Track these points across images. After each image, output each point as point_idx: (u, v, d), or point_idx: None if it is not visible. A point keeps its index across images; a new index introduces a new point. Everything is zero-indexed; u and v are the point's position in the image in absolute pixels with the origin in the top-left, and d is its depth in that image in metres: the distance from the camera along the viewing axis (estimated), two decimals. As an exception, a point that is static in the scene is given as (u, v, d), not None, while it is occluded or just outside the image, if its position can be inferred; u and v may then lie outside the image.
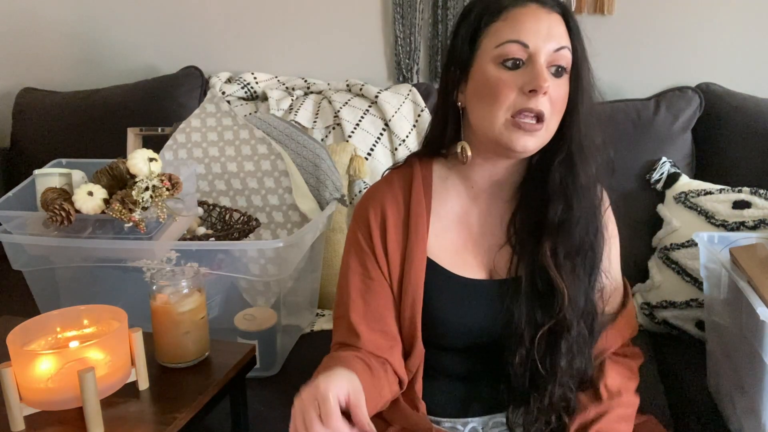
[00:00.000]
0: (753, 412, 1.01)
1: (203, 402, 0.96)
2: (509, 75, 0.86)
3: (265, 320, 1.30)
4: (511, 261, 0.95)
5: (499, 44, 0.87)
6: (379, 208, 0.98)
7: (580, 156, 0.90)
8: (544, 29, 0.86)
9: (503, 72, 0.87)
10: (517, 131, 0.86)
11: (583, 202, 0.91)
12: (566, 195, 0.91)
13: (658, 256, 1.51)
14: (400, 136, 1.76)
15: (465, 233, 0.98)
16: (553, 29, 0.87)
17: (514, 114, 0.86)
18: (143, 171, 1.22)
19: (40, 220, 1.27)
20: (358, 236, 0.98)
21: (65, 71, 2.18)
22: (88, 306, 0.98)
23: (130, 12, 2.09)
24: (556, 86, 0.87)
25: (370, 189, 1.02)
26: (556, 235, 0.91)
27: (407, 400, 0.97)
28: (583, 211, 0.91)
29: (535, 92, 0.85)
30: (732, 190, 1.46)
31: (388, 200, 0.98)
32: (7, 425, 0.87)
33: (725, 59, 1.73)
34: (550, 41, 0.86)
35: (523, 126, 0.86)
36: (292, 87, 1.93)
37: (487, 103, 0.88)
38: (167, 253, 1.03)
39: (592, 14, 1.76)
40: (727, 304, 1.12)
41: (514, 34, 0.86)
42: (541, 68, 0.85)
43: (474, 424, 1.00)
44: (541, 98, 0.86)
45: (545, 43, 0.86)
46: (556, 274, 0.91)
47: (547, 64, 0.87)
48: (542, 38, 0.86)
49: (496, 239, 0.97)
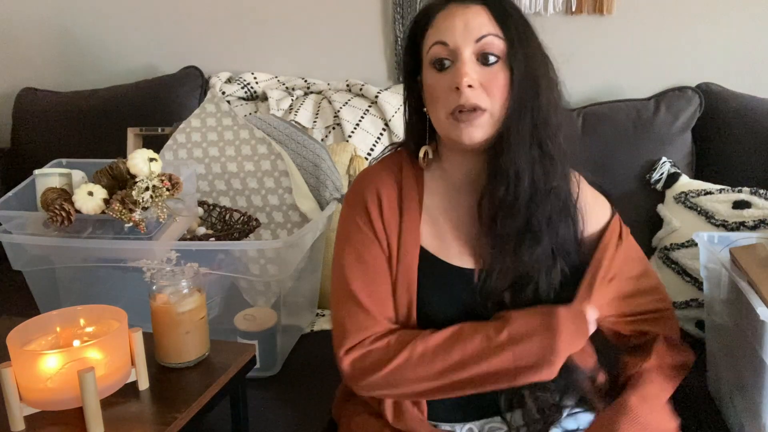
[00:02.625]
0: (753, 412, 1.01)
1: (203, 402, 0.95)
2: (440, 76, 0.91)
3: (265, 320, 1.30)
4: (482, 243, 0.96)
5: (427, 50, 0.92)
6: (375, 191, 0.99)
7: (516, 139, 0.90)
8: (460, 25, 0.89)
9: (435, 75, 0.91)
10: (458, 125, 0.90)
11: (523, 182, 0.90)
12: (505, 177, 0.91)
13: (658, 256, 1.51)
14: (401, 136, 1.76)
15: (454, 224, 0.99)
16: (471, 21, 0.89)
17: (450, 111, 0.89)
18: (143, 171, 1.22)
19: (40, 220, 1.27)
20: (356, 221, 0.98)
21: (65, 71, 2.18)
22: (87, 306, 0.98)
23: (130, 12, 2.09)
24: (488, 74, 0.89)
25: (360, 174, 1.03)
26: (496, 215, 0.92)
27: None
28: (526, 191, 0.91)
29: (458, 89, 0.88)
30: (732, 190, 1.46)
31: (382, 185, 0.99)
32: (7, 425, 0.87)
33: (725, 59, 1.73)
34: (469, 33, 0.89)
35: (460, 119, 0.89)
36: (292, 87, 1.93)
37: (432, 106, 0.93)
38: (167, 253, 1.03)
39: (591, 14, 1.76)
40: (727, 304, 1.12)
41: (437, 36, 0.91)
42: (462, 64, 0.88)
43: (471, 427, 1.00)
44: (470, 92, 0.88)
45: (464, 37, 0.89)
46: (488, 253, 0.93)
47: (476, 55, 0.89)
48: (459, 33, 0.89)
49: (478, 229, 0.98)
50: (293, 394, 1.27)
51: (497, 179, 0.91)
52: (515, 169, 0.90)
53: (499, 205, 0.92)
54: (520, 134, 0.89)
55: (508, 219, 0.92)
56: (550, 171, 0.92)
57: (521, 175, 0.90)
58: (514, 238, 0.92)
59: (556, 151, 0.92)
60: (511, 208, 0.91)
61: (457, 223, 0.99)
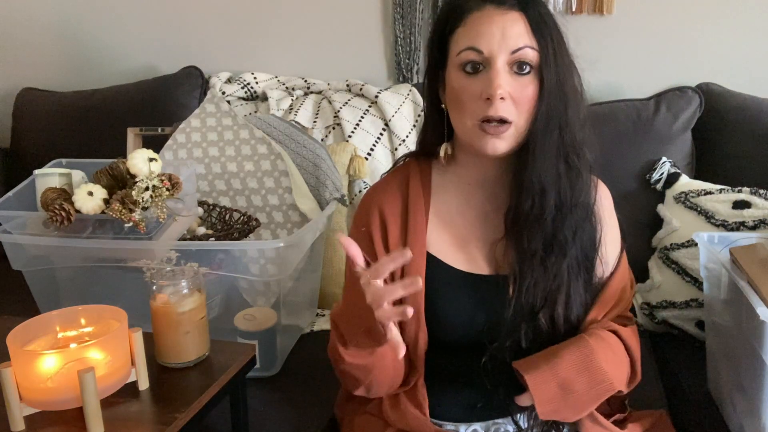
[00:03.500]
0: (753, 412, 1.01)
1: (203, 402, 0.95)
2: (470, 81, 0.88)
3: (265, 320, 1.30)
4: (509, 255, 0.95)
5: (459, 51, 0.89)
6: (377, 210, 0.98)
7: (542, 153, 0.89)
8: (498, 32, 0.86)
9: (464, 78, 0.89)
10: (484, 136, 0.88)
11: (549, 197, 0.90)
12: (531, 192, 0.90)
13: (658, 256, 1.51)
14: (400, 136, 1.76)
15: (466, 229, 0.99)
16: (509, 30, 0.86)
17: (478, 120, 0.87)
18: (143, 171, 1.22)
19: (40, 220, 1.27)
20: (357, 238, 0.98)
21: (65, 71, 2.18)
22: (87, 306, 0.98)
23: (131, 12, 2.09)
24: (519, 85, 0.87)
25: (367, 192, 1.04)
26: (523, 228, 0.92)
27: (410, 399, 0.97)
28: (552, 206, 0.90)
29: (489, 100, 0.85)
30: (732, 190, 1.46)
31: (385, 201, 0.99)
32: (7, 425, 0.87)
33: (725, 59, 1.73)
34: (506, 43, 0.86)
35: (488, 130, 0.87)
36: (292, 87, 1.93)
37: (457, 109, 0.90)
38: (167, 253, 1.03)
39: (591, 14, 1.76)
40: (727, 304, 1.12)
41: (470, 40, 0.87)
42: (496, 74, 0.85)
43: (476, 428, 1.00)
44: (501, 103, 0.85)
45: (500, 47, 0.86)
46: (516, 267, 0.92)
47: (509, 64, 0.87)
48: (496, 42, 0.86)
49: (496, 234, 0.97)
50: (293, 394, 1.27)
51: (523, 193, 0.91)
52: (541, 184, 0.89)
53: (526, 219, 0.91)
54: (547, 148, 0.88)
55: (535, 233, 0.91)
56: (576, 185, 0.91)
57: (547, 189, 0.90)
58: (541, 251, 0.92)
59: (583, 165, 0.91)
60: (538, 221, 0.91)
61: (467, 226, 0.99)
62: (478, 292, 0.96)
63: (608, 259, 0.99)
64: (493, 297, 0.95)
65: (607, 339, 0.92)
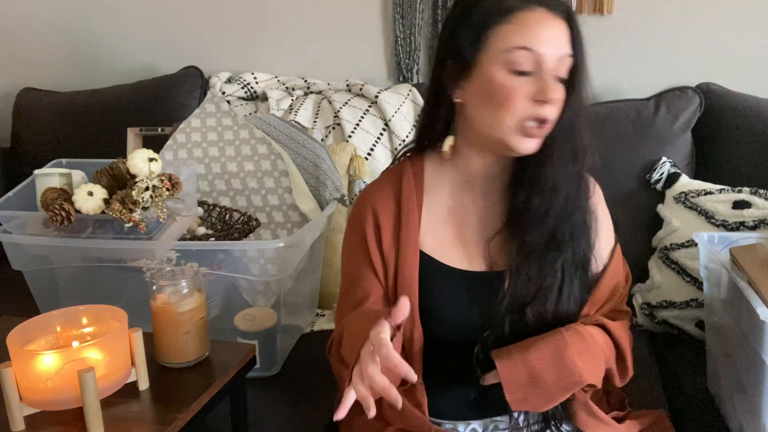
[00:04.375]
0: (753, 412, 1.01)
1: (203, 402, 0.95)
2: (518, 82, 0.87)
3: (265, 320, 1.30)
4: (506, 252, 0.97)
5: (507, 49, 0.87)
6: (370, 210, 1.00)
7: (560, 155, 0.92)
8: (552, 37, 0.87)
9: (512, 78, 0.87)
10: (522, 137, 0.89)
11: (559, 196, 0.93)
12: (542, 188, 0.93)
13: (658, 256, 1.51)
14: (400, 136, 1.76)
15: (461, 226, 0.99)
16: (560, 37, 0.88)
17: (522, 120, 0.88)
18: (143, 171, 1.22)
19: (40, 220, 1.27)
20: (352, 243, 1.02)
21: (65, 71, 2.18)
22: (87, 306, 0.98)
23: (130, 12, 2.09)
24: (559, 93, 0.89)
25: (361, 193, 1.06)
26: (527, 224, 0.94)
27: (409, 398, 0.97)
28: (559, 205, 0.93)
29: (544, 102, 0.87)
30: (732, 190, 1.46)
31: (378, 201, 1.00)
32: (7, 425, 0.87)
33: (725, 59, 1.73)
34: (556, 49, 0.87)
35: (529, 132, 0.88)
36: (292, 87, 1.93)
37: (493, 107, 0.89)
38: (167, 253, 1.03)
39: (591, 14, 1.76)
40: (727, 304, 1.12)
41: (523, 40, 0.86)
42: (551, 78, 0.87)
43: (475, 426, 1.00)
44: (550, 107, 0.88)
45: (552, 51, 0.87)
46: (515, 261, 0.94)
47: (553, 70, 0.88)
48: (551, 46, 0.87)
49: (492, 230, 0.98)
50: (293, 394, 1.27)
51: (534, 190, 0.93)
52: (554, 183, 0.92)
53: (533, 215, 0.93)
54: (564, 151, 0.91)
55: (538, 228, 0.93)
56: (581, 189, 0.95)
57: (558, 189, 0.92)
58: (541, 246, 0.94)
59: (587, 171, 0.95)
60: (543, 218, 0.93)
61: (461, 223, 0.99)
62: (472, 289, 0.97)
63: (602, 254, 1.01)
64: (488, 293, 0.95)
65: (583, 334, 0.93)
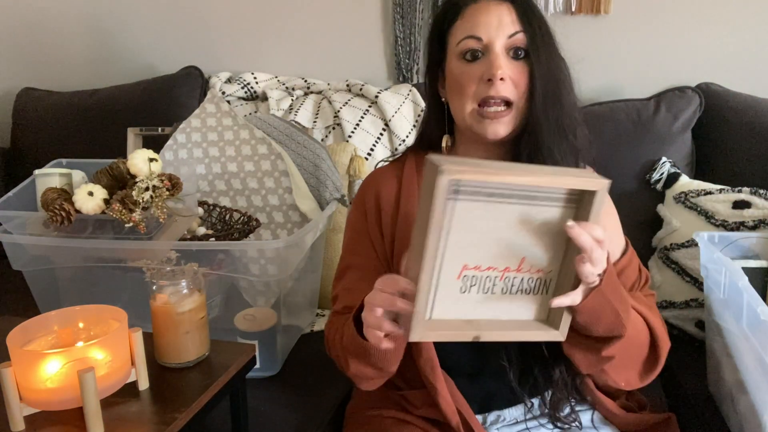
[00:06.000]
0: (753, 412, 1.01)
1: (203, 402, 0.95)
2: (470, 67, 0.94)
3: (265, 320, 1.30)
4: None
5: (458, 41, 0.95)
6: (374, 193, 1.04)
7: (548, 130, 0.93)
8: (494, 21, 0.93)
9: (465, 65, 0.94)
10: (483, 120, 0.93)
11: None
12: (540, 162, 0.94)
13: (658, 256, 1.51)
14: (400, 136, 1.76)
15: None
16: (504, 18, 0.93)
17: (480, 103, 0.92)
18: (143, 171, 1.22)
19: (40, 220, 1.27)
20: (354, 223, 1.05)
21: (65, 71, 2.19)
22: (87, 306, 0.98)
23: (131, 12, 2.09)
24: (517, 69, 0.93)
25: (367, 176, 1.09)
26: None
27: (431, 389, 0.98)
28: None
29: (491, 80, 0.91)
30: (732, 190, 1.46)
31: (382, 185, 1.04)
32: (7, 425, 0.87)
33: (725, 59, 1.73)
34: (502, 30, 0.92)
35: (488, 115, 0.92)
36: (292, 87, 1.93)
37: (456, 96, 0.96)
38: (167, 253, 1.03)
39: (591, 14, 1.76)
40: (727, 304, 1.12)
41: (469, 30, 0.94)
42: (496, 57, 0.91)
43: (491, 419, 1.02)
44: (502, 84, 0.91)
45: (497, 33, 0.92)
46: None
47: (506, 49, 0.93)
48: (494, 29, 0.93)
49: None
50: (293, 394, 1.27)
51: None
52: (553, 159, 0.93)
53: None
54: (550, 126, 0.93)
55: None
56: (578, 161, 0.97)
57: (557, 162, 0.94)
58: None
59: (581, 144, 0.97)
60: None
61: None
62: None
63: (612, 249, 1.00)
64: None
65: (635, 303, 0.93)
